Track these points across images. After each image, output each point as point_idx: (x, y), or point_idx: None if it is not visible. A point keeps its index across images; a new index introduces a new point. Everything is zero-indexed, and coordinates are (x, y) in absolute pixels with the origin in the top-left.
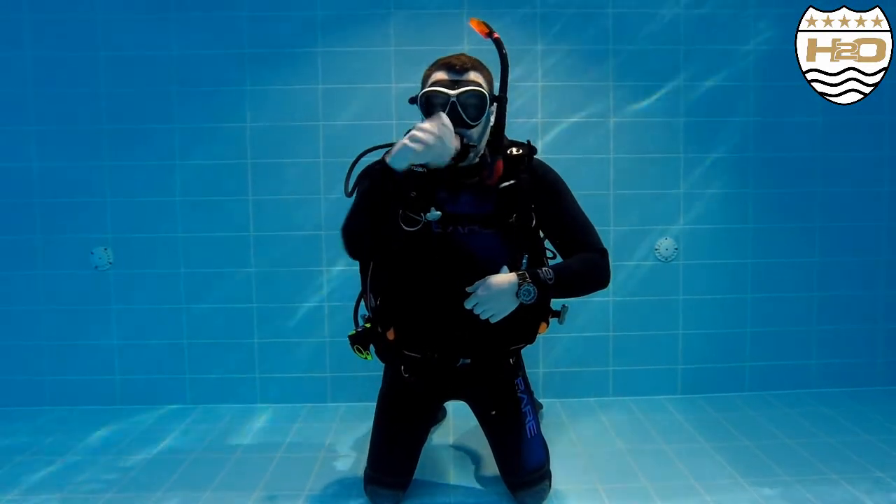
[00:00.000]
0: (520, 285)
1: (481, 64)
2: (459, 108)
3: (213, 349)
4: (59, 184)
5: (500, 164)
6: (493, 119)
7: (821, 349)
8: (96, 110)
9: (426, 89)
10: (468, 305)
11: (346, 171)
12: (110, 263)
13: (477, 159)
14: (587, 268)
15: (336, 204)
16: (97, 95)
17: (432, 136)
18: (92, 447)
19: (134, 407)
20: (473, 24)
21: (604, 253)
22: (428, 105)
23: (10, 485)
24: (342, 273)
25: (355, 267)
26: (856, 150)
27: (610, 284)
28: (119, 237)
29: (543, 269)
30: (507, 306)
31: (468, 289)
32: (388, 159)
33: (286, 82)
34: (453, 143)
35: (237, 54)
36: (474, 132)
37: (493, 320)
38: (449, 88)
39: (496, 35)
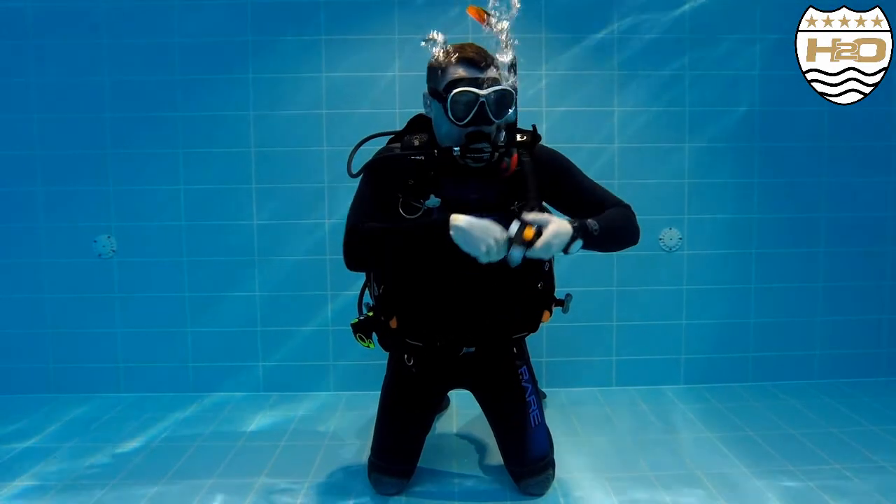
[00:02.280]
0: (573, 239)
1: (493, 56)
2: (488, 108)
3: (216, 337)
4: (62, 172)
5: (515, 157)
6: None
7: (825, 340)
8: (99, 98)
9: (457, 89)
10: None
11: (348, 157)
12: (113, 251)
13: None
14: (623, 221)
15: (340, 193)
16: (100, 83)
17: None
18: (95, 435)
19: (138, 395)
20: (472, 13)
21: (629, 207)
22: (454, 104)
23: (14, 472)
24: None
25: None
26: (862, 140)
27: (614, 274)
28: (122, 225)
29: (590, 220)
30: (553, 253)
31: (526, 218)
32: (452, 232)
33: (290, 70)
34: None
35: (240, 42)
36: (495, 128)
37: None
38: (477, 87)
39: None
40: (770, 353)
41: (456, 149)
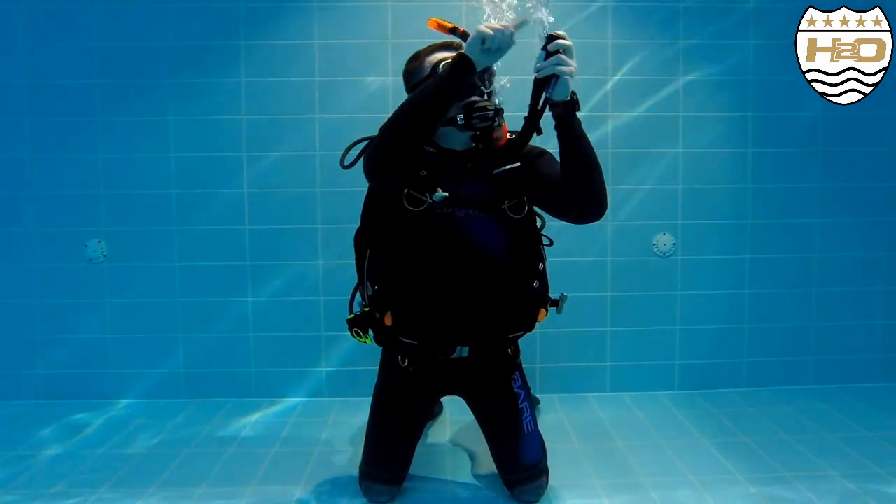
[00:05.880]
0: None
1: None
2: (477, 78)
3: (207, 343)
4: (52, 176)
5: (504, 128)
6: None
7: (819, 345)
8: (90, 102)
9: (443, 63)
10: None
11: (340, 158)
12: (104, 256)
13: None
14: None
15: (332, 197)
16: (91, 87)
17: (498, 28)
18: (86, 441)
19: (128, 400)
20: (433, 26)
21: None
22: None
23: (4, 479)
24: (338, 267)
25: (351, 261)
26: (856, 146)
27: (608, 279)
28: (113, 230)
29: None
30: (570, 81)
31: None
32: (464, 49)
33: (281, 74)
34: (511, 33)
35: (233, 46)
36: (487, 96)
37: (560, 72)
38: None
39: (462, 29)
40: (764, 358)
41: (459, 116)
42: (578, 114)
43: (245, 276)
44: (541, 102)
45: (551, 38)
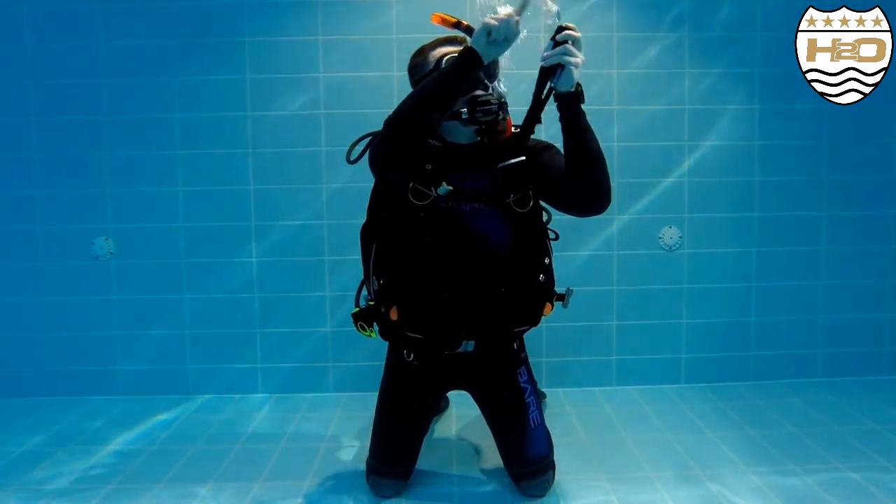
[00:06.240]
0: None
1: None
2: (481, 72)
3: (214, 339)
4: (59, 173)
5: (509, 121)
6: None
7: (827, 338)
8: (97, 100)
9: (447, 57)
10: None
11: (346, 153)
12: (111, 253)
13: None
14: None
15: (338, 193)
16: (98, 85)
17: (502, 18)
18: (93, 438)
19: (135, 397)
20: (437, 20)
21: None
22: None
23: (12, 476)
24: (344, 262)
25: (357, 256)
26: (863, 137)
27: (614, 273)
28: (120, 227)
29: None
30: (575, 72)
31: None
32: (470, 42)
33: (286, 70)
34: (516, 21)
35: (237, 43)
36: (491, 91)
37: (566, 62)
38: None
39: (465, 23)
40: (771, 351)
41: (463, 110)
42: (583, 106)
43: (251, 273)
44: (545, 92)
45: (560, 28)
